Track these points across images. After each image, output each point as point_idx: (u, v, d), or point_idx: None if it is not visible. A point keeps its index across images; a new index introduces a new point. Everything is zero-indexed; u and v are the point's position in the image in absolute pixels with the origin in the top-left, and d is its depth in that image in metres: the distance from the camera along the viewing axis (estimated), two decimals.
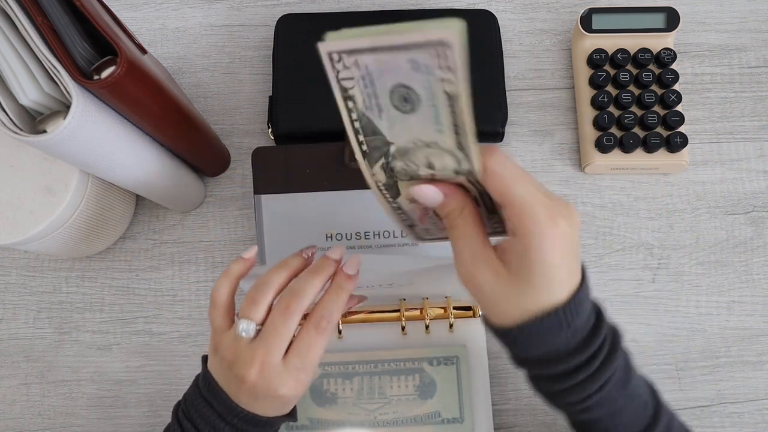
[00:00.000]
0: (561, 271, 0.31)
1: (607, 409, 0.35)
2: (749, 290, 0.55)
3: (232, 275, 0.40)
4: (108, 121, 0.41)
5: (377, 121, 0.30)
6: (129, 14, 0.64)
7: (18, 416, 0.54)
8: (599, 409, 0.35)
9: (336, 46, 0.27)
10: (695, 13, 0.62)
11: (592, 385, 0.34)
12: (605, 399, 0.35)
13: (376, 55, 0.27)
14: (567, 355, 0.33)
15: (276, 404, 0.38)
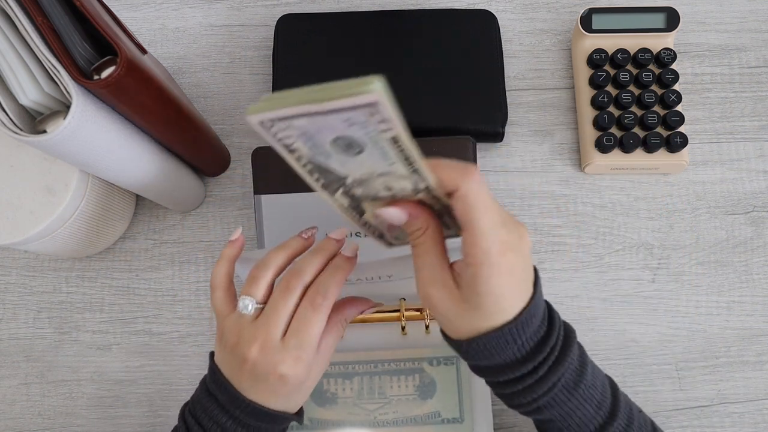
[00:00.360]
0: (507, 298, 0.33)
1: (558, 411, 0.37)
2: (749, 290, 0.55)
3: (226, 258, 0.41)
4: (108, 121, 0.41)
5: (327, 163, 0.31)
6: (129, 14, 0.64)
7: (18, 416, 0.54)
8: (549, 410, 0.37)
9: (265, 116, 0.27)
10: (695, 13, 0.62)
11: (540, 388, 0.35)
12: (554, 401, 0.36)
13: (308, 119, 0.27)
14: (514, 365, 0.35)
15: (278, 388, 0.37)
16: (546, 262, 0.56)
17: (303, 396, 0.40)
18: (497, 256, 0.32)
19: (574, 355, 0.37)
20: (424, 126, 0.56)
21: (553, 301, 0.39)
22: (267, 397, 0.38)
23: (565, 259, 0.56)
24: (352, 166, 0.31)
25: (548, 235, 0.57)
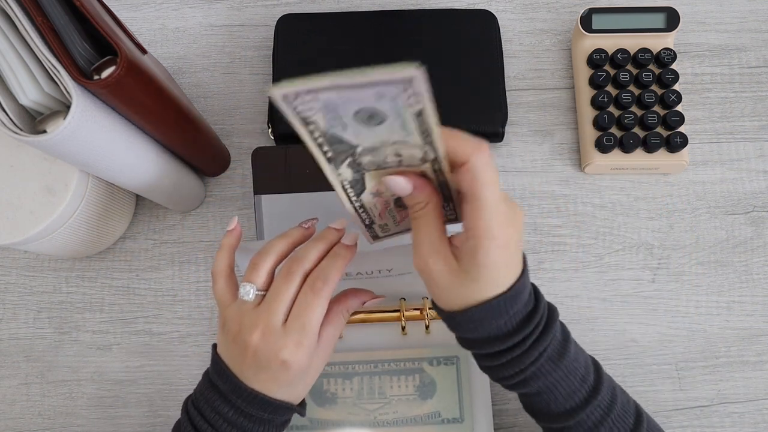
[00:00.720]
0: (504, 270, 0.35)
1: (543, 382, 0.37)
2: (749, 290, 0.55)
3: (226, 247, 0.42)
4: (108, 121, 0.41)
5: (342, 134, 0.32)
6: (129, 14, 0.64)
7: (18, 416, 0.54)
8: (535, 381, 0.37)
9: (291, 90, 0.27)
10: (695, 13, 0.63)
11: (527, 359, 0.37)
12: (539, 372, 0.37)
13: (338, 92, 0.28)
14: (504, 337, 0.36)
15: (280, 375, 0.37)
16: (546, 262, 0.56)
17: (305, 386, 0.40)
18: (498, 229, 0.33)
19: (557, 330, 0.38)
20: None
21: (553, 301, 0.40)
22: (269, 386, 0.38)
23: (565, 259, 0.56)
24: (368, 135, 0.32)
25: (548, 235, 0.57)
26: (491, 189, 0.33)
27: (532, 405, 0.40)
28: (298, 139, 0.61)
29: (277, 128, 0.57)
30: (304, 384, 0.40)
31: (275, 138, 0.57)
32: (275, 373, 0.37)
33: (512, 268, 0.35)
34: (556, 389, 0.38)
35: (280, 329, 0.37)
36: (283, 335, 0.37)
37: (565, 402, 0.38)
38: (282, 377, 0.37)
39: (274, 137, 0.57)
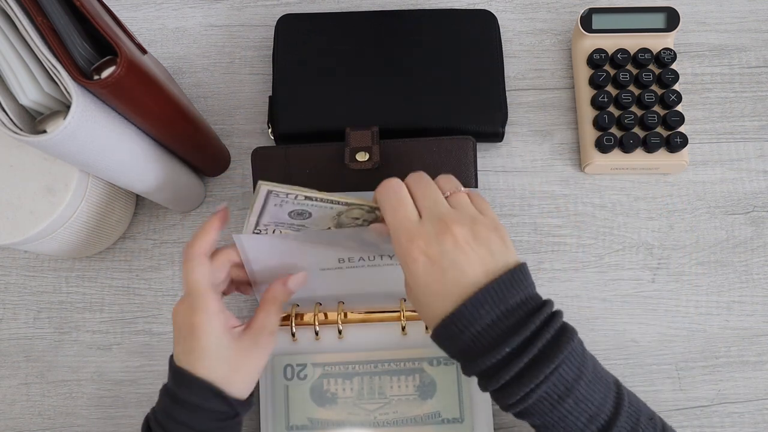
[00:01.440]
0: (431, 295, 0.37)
1: (553, 415, 0.35)
2: (749, 290, 0.55)
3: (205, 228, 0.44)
4: (108, 121, 0.41)
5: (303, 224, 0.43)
6: (129, 14, 0.64)
7: (18, 416, 0.54)
8: (536, 417, 0.35)
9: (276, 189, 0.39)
10: (695, 13, 0.62)
11: (517, 391, 0.34)
12: (544, 401, 0.35)
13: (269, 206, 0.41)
14: (483, 349, 0.35)
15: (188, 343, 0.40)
16: (546, 262, 0.56)
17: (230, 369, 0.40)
18: (407, 243, 0.37)
19: (560, 360, 0.34)
20: (424, 126, 0.56)
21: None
22: (189, 359, 0.40)
23: (565, 259, 0.56)
24: (315, 221, 0.42)
25: (548, 235, 0.57)
26: (390, 214, 0.38)
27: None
28: (298, 139, 0.62)
29: (277, 128, 0.57)
30: (228, 366, 0.40)
31: (275, 138, 0.57)
32: (186, 342, 0.40)
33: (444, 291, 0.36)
34: (554, 428, 0.35)
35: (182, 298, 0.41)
36: (180, 301, 0.41)
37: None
38: (189, 344, 0.40)
39: (274, 137, 0.57)
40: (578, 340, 0.36)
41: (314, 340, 0.51)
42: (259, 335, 0.42)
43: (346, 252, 0.47)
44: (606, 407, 0.36)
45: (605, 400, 0.36)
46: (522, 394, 0.34)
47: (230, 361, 0.40)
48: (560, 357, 0.34)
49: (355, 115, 0.56)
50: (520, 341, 0.34)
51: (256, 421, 0.52)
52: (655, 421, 0.37)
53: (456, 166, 0.52)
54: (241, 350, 0.41)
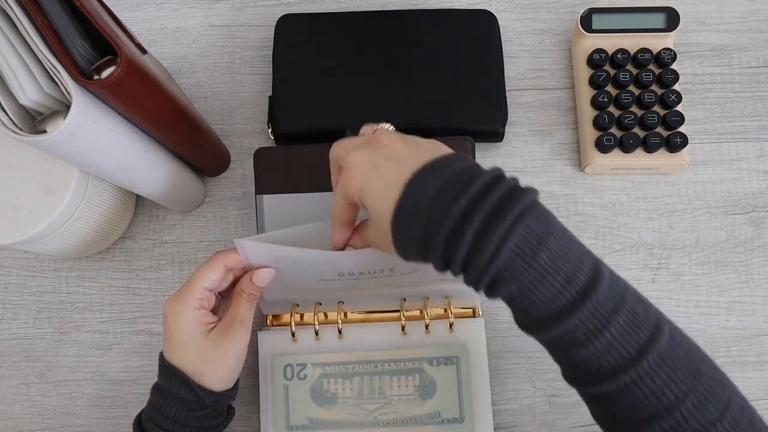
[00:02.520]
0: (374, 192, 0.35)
1: (514, 286, 0.31)
2: (749, 290, 0.55)
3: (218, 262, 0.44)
4: (108, 121, 0.41)
5: None
6: (129, 14, 0.64)
7: (18, 416, 0.54)
8: (503, 284, 0.32)
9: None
10: (695, 13, 0.62)
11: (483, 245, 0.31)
12: (505, 272, 0.31)
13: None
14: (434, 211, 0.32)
15: (165, 332, 0.43)
16: None
17: (201, 359, 0.42)
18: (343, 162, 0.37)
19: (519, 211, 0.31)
20: (424, 126, 0.56)
21: None
22: (166, 347, 0.43)
23: None
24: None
25: None
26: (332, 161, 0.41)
27: (515, 318, 0.34)
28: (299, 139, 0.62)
29: (277, 128, 0.57)
30: (199, 356, 0.42)
31: (275, 138, 0.57)
32: (165, 332, 0.43)
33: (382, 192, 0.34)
34: (532, 292, 0.31)
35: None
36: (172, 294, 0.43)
37: (544, 306, 0.32)
38: (166, 334, 0.43)
39: (274, 137, 0.57)
40: (538, 197, 0.33)
41: (314, 340, 0.51)
42: (229, 326, 0.43)
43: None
44: (584, 268, 0.31)
45: (582, 261, 0.32)
46: (491, 249, 0.30)
47: (201, 352, 0.42)
48: (522, 203, 0.31)
49: (354, 115, 0.56)
50: (471, 195, 0.31)
51: (256, 421, 0.52)
52: (647, 304, 0.33)
53: None
54: (212, 341, 0.43)
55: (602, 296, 0.31)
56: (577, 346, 0.32)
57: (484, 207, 0.31)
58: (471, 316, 0.52)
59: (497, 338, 0.54)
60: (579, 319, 0.31)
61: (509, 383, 0.53)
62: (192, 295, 0.42)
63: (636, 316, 0.32)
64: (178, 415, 0.42)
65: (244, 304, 0.44)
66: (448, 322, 0.51)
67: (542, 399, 0.53)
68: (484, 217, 0.31)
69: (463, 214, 0.31)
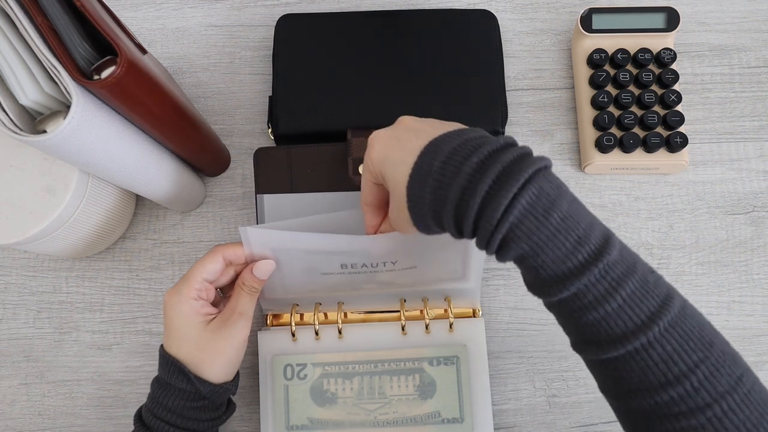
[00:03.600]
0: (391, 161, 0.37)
1: (525, 244, 0.31)
2: (749, 290, 0.55)
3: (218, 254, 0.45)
4: (108, 121, 0.41)
5: None
6: (129, 14, 0.64)
7: (18, 416, 0.54)
8: (515, 243, 0.32)
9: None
10: (695, 13, 0.63)
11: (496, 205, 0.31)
12: (517, 230, 0.31)
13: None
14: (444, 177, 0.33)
15: (165, 321, 0.43)
16: None
17: (196, 348, 0.43)
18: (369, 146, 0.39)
19: (532, 172, 0.31)
20: None
21: None
22: (165, 338, 0.44)
23: None
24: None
25: None
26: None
27: (525, 281, 0.34)
28: (299, 139, 0.62)
29: (277, 128, 0.57)
30: (195, 346, 0.42)
31: (275, 138, 0.57)
32: (164, 322, 0.43)
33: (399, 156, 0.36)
34: (543, 251, 0.31)
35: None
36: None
37: (555, 267, 0.31)
38: (165, 324, 0.43)
39: (274, 137, 0.57)
40: (551, 165, 0.33)
41: (314, 340, 0.51)
42: (228, 317, 0.44)
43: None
44: (595, 232, 0.32)
45: (593, 226, 0.32)
46: (503, 205, 0.31)
47: (199, 342, 0.43)
48: (534, 166, 0.31)
49: (354, 115, 0.56)
50: (483, 155, 0.32)
51: (256, 421, 0.52)
52: (658, 276, 0.33)
53: None
54: (210, 332, 0.43)
55: (613, 260, 0.31)
56: (586, 309, 0.32)
57: (495, 166, 0.31)
58: (471, 316, 0.52)
59: (497, 338, 0.54)
60: (589, 280, 0.31)
61: (509, 383, 0.53)
62: (190, 285, 0.43)
63: (647, 284, 0.31)
64: (176, 405, 0.42)
65: (245, 296, 0.45)
66: (448, 322, 0.51)
67: (542, 399, 0.53)
68: (496, 174, 0.31)
69: (475, 172, 0.32)
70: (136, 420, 0.44)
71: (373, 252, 0.45)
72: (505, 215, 0.31)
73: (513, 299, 0.55)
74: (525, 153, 0.33)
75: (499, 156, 0.32)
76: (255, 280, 0.45)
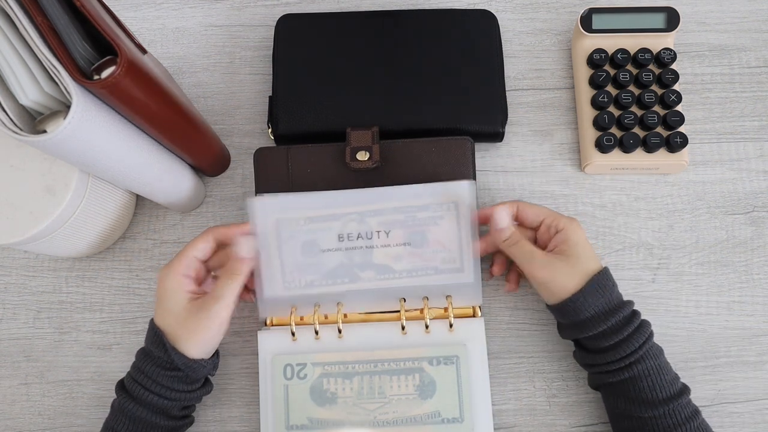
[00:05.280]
0: (589, 249, 0.48)
1: (650, 364, 0.45)
2: (749, 290, 0.55)
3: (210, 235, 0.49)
4: (108, 121, 0.41)
5: None
6: (129, 14, 0.64)
7: (18, 416, 0.54)
8: (647, 361, 0.45)
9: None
10: (695, 13, 0.62)
11: (641, 335, 0.45)
12: (648, 354, 0.45)
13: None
14: (617, 308, 0.46)
15: (157, 295, 0.46)
16: None
17: (178, 323, 0.45)
18: (572, 222, 0.48)
19: (652, 330, 0.47)
20: (424, 126, 0.56)
21: None
22: (156, 310, 0.46)
23: None
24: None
25: None
26: (543, 207, 0.50)
27: (628, 392, 0.45)
28: (298, 139, 0.62)
29: (277, 128, 0.57)
30: (176, 321, 0.45)
31: (275, 138, 0.57)
32: (156, 294, 0.46)
33: (593, 253, 0.48)
34: (659, 374, 0.45)
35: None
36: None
37: (663, 389, 0.44)
38: (156, 295, 0.46)
39: (274, 137, 0.57)
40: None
41: (314, 340, 0.51)
42: (208, 300, 0.46)
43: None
44: (677, 379, 0.46)
45: (676, 376, 0.47)
46: (643, 338, 0.45)
47: (178, 317, 0.45)
48: (650, 328, 0.46)
49: (354, 115, 0.56)
50: (633, 306, 0.47)
51: (255, 421, 0.52)
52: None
53: (454, 166, 0.52)
54: (190, 310, 0.45)
55: (690, 396, 0.46)
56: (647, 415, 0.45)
57: (634, 322, 0.46)
58: (471, 316, 0.52)
59: (497, 338, 0.54)
60: (683, 404, 0.45)
61: (509, 383, 0.53)
62: (180, 261, 0.46)
63: (703, 423, 0.45)
64: (153, 372, 0.45)
65: (224, 279, 0.46)
66: (448, 322, 0.51)
67: (542, 399, 0.53)
68: (641, 320, 0.47)
69: (620, 325, 0.46)
70: (118, 388, 0.46)
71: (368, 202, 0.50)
72: (642, 346, 0.45)
73: (513, 299, 0.55)
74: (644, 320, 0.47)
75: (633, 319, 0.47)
76: (237, 261, 0.47)
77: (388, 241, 0.50)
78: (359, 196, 0.50)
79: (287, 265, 0.50)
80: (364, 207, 0.50)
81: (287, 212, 0.50)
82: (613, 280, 0.47)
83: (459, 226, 0.50)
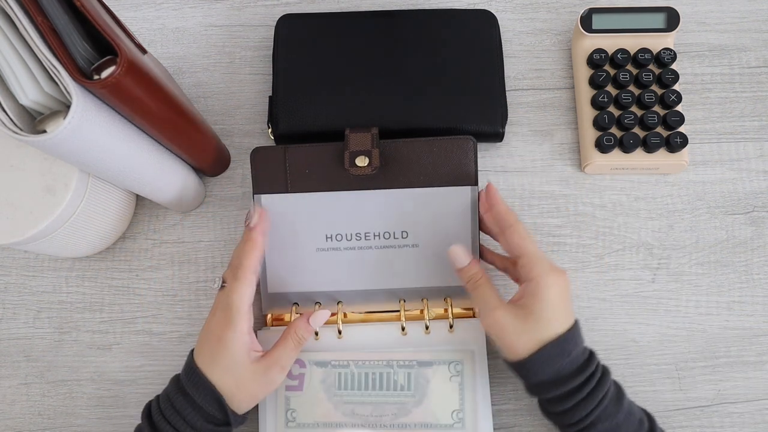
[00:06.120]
0: (561, 310, 0.42)
1: (609, 424, 0.42)
2: (749, 290, 0.55)
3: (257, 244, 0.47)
4: (108, 121, 0.41)
5: None
6: (129, 14, 0.64)
7: (18, 416, 0.54)
8: (602, 423, 0.42)
9: None
10: (695, 13, 0.62)
11: (593, 400, 0.41)
12: (605, 414, 0.42)
13: None
14: (569, 377, 0.42)
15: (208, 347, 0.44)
16: None
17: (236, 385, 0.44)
18: (550, 271, 0.42)
19: (611, 377, 0.44)
20: (424, 126, 0.56)
21: None
22: (205, 361, 0.44)
23: (565, 259, 0.56)
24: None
25: (548, 235, 0.57)
26: (532, 242, 0.44)
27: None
28: (299, 139, 0.62)
29: (277, 128, 0.57)
30: (236, 383, 0.43)
31: (275, 138, 0.57)
32: (210, 348, 0.44)
33: (567, 312, 0.43)
34: (620, 430, 0.42)
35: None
36: (216, 308, 0.45)
37: None
38: (212, 352, 0.44)
39: (274, 137, 0.57)
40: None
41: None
42: (271, 367, 0.45)
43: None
44: (643, 416, 0.44)
45: (640, 411, 0.45)
46: (598, 399, 0.42)
47: (239, 380, 0.44)
48: (610, 381, 0.43)
49: (354, 115, 0.56)
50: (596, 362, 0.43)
51: (255, 422, 0.52)
52: None
53: (456, 166, 0.51)
54: (252, 374, 0.44)
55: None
56: None
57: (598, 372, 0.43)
58: (471, 316, 0.52)
59: None
60: None
61: (509, 383, 0.53)
62: (246, 321, 0.44)
63: None
64: (200, 426, 0.43)
65: (291, 347, 0.46)
66: (448, 323, 0.51)
67: None
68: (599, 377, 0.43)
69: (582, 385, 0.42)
70: (145, 418, 0.44)
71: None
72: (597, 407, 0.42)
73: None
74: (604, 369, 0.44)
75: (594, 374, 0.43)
76: (307, 329, 0.47)
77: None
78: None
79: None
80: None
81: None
82: (576, 339, 0.42)
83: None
